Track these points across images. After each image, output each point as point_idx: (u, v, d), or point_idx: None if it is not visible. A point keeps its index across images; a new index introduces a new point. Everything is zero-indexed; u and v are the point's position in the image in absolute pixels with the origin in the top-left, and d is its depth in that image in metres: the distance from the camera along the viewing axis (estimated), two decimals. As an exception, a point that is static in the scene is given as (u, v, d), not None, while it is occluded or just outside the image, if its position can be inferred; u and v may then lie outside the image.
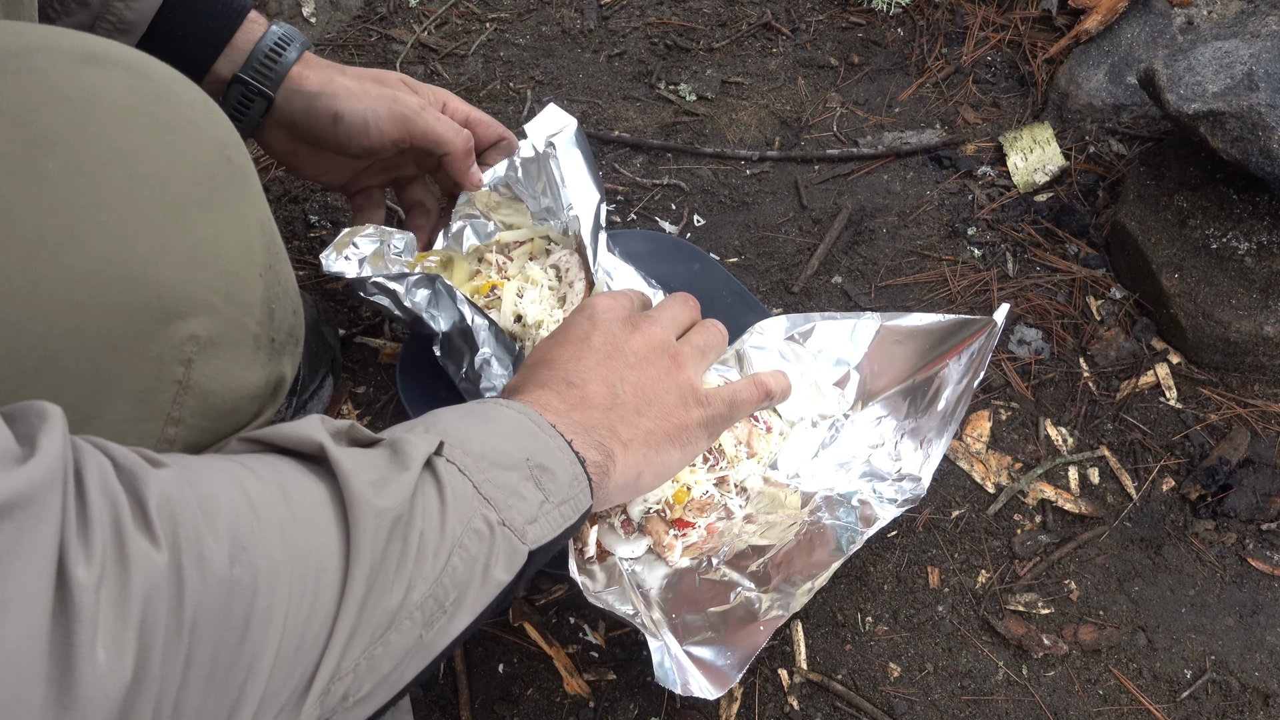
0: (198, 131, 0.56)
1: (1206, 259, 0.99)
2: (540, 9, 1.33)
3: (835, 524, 0.81)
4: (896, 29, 1.30)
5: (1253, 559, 0.89)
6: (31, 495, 0.37)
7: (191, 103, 0.57)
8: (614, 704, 0.81)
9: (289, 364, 0.63)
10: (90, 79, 0.52)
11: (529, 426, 0.62)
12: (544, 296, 0.91)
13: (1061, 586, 0.87)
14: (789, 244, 1.10)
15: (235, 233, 0.56)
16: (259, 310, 0.58)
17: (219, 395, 0.56)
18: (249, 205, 0.58)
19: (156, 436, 0.54)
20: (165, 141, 0.54)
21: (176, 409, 0.54)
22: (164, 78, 0.56)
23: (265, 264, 0.58)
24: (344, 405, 0.97)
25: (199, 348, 0.54)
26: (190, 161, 0.55)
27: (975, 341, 0.86)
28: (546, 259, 0.95)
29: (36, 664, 0.36)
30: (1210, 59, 0.98)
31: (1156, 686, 0.83)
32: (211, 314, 0.54)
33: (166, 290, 0.52)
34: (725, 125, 1.21)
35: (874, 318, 0.90)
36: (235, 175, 0.57)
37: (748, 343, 0.90)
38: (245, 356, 0.57)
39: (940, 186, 1.14)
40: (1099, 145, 1.15)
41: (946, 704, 0.82)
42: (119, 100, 0.53)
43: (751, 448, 0.86)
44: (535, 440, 0.62)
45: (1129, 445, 0.95)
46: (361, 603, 0.49)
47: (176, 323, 0.52)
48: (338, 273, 0.84)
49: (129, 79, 0.54)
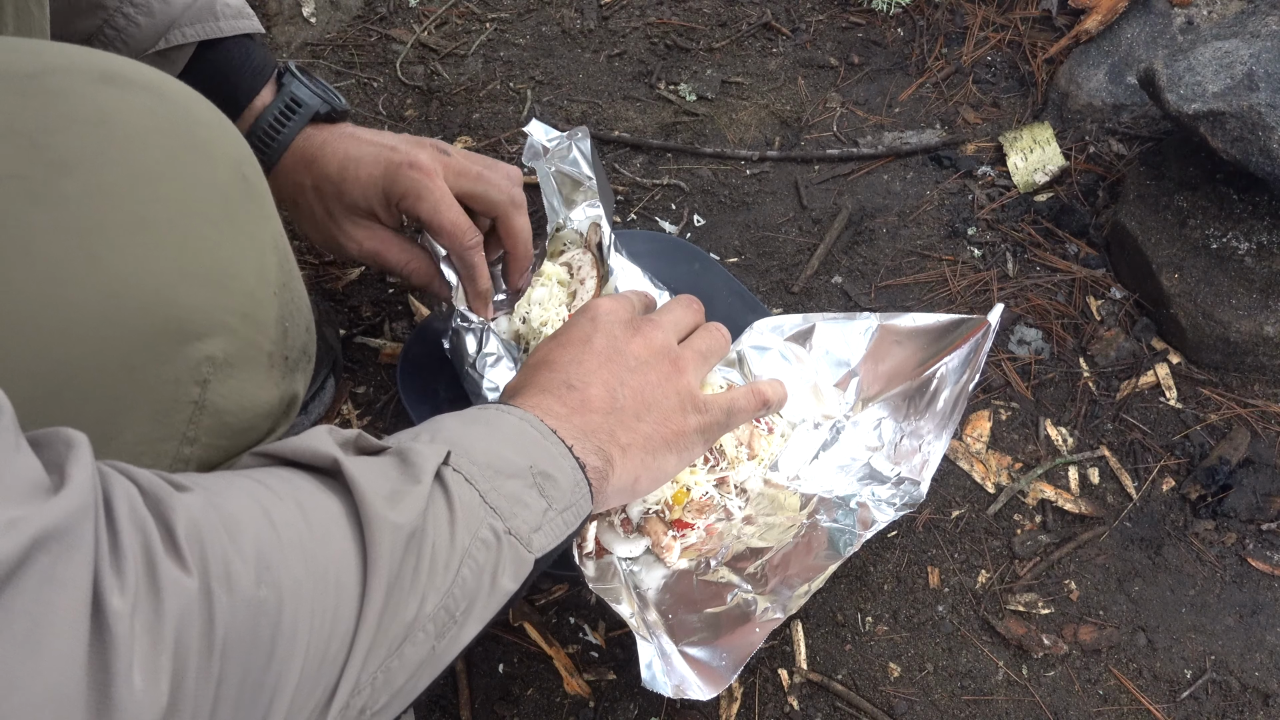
0: (214, 151, 0.56)
1: (1206, 259, 0.99)
2: (540, 9, 1.33)
3: (833, 526, 0.81)
4: (896, 29, 1.30)
5: (1253, 559, 0.89)
6: (66, 527, 0.37)
7: (208, 122, 0.57)
8: (614, 704, 0.81)
9: (301, 381, 0.64)
10: (108, 100, 0.52)
11: (531, 433, 0.63)
12: (553, 295, 0.91)
13: (1061, 586, 0.87)
14: (789, 244, 1.10)
15: (250, 252, 0.56)
16: (273, 329, 0.58)
17: (234, 414, 0.56)
18: (264, 224, 0.58)
19: (172, 456, 0.54)
20: (183, 162, 0.54)
21: (192, 429, 0.54)
22: (181, 97, 0.56)
23: (279, 282, 0.59)
24: (344, 405, 0.97)
25: (215, 368, 0.54)
26: (207, 181, 0.55)
27: (969, 341, 0.86)
28: (560, 257, 0.95)
29: (76, 693, 0.36)
30: (1210, 59, 0.98)
31: (1156, 686, 0.83)
32: (227, 334, 0.54)
33: (184, 311, 0.52)
34: (725, 125, 1.21)
35: (873, 317, 0.89)
36: (250, 194, 0.58)
37: (747, 342, 0.90)
38: (260, 375, 0.58)
39: (940, 186, 1.14)
40: (1099, 145, 1.15)
41: (946, 704, 0.82)
42: (136, 121, 0.53)
43: (752, 449, 0.86)
44: (538, 447, 0.62)
45: (1129, 445, 0.95)
46: (379, 617, 0.49)
47: (193, 344, 0.52)
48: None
49: (146, 99, 0.54)
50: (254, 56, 0.84)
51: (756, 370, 0.90)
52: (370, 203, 0.84)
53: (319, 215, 0.86)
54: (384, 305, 1.04)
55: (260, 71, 0.84)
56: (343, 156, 0.84)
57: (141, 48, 0.78)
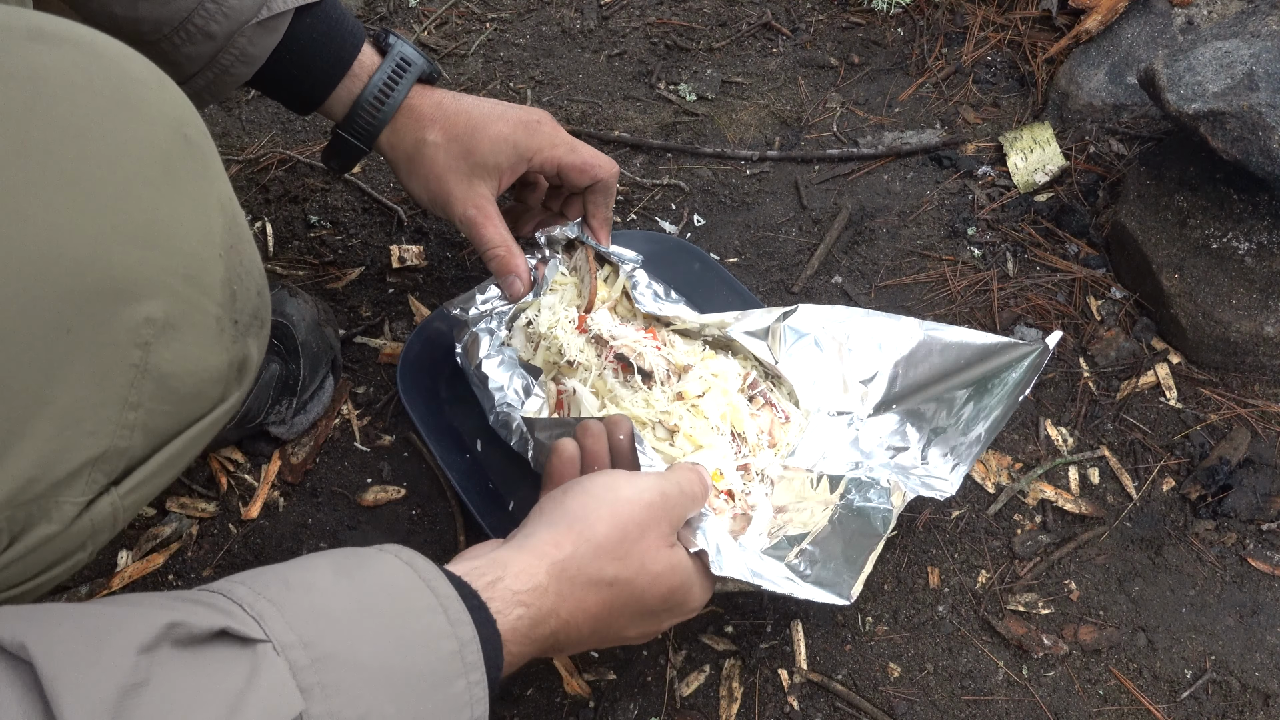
0: (150, 110, 0.54)
1: (1206, 259, 0.99)
2: (540, 9, 1.33)
3: (867, 505, 0.81)
4: (896, 29, 1.30)
5: (1253, 559, 0.89)
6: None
7: (144, 80, 0.55)
8: (614, 704, 0.81)
9: (254, 346, 0.62)
10: (38, 56, 0.51)
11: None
12: (559, 301, 0.91)
13: (1061, 586, 0.87)
14: (789, 244, 1.10)
15: (192, 213, 0.55)
16: (219, 291, 0.56)
17: (179, 379, 0.55)
18: (207, 184, 0.57)
19: (115, 422, 0.53)
20: (115, 120, 0.52)
21: (134, 393, 0.53)
22: (115, 54, 0.55)
23: (226, 244, 0.57)
24: (344, 405, 0.97)
25: (156, 330, 0.52)
26: (142, 140, 0.53)
27: (1025, 362, 0.85)
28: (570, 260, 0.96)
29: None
30: (1210, 59, 0.98)
31: (1156, 686, 0.83)
32: (169, 295, 0.52)
33: (119, 271, 0.50)
34: (725, 125, 1.21)
35: (917, 324, 0.89)
36: (192, 154, 0.56)
37: (785, 323, 0.90)
38: (207, 339, 0.56)
39: (940, 186, 1.14)
40: (1099, 145, 1.15)
41: (946, 704, 0.82)
42: (67, 78, 0.51)
43: (773, 438, 0.86)
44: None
45: (1129, 445, 0.95)
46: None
47: (131, 305, 0.51)
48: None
49: (78, 55, 0.52)
50: (347, 18, 0.87)
51: (786, 351, 0.90)
52: (499, 158, 0.88)
53: (438, 169, 0.88)
54: (384, 305, 1.04)
55: (355, 32, 0.87)
56: (475, 115, 0.88)
57: (242, 19, 0.79)
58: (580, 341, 0.87)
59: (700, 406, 0.84)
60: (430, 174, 0.89)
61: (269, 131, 1.20)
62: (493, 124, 0.88)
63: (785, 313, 0.90)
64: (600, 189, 0.92)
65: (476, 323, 0.89)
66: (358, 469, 0.93)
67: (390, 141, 0.89)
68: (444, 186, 0.89)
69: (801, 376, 0.90)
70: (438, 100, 0.89)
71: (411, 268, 1.07)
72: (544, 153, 0.89)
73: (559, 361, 0.87)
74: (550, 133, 0.90)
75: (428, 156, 0.88)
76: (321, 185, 1.15)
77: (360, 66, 0.87)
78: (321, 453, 0.94)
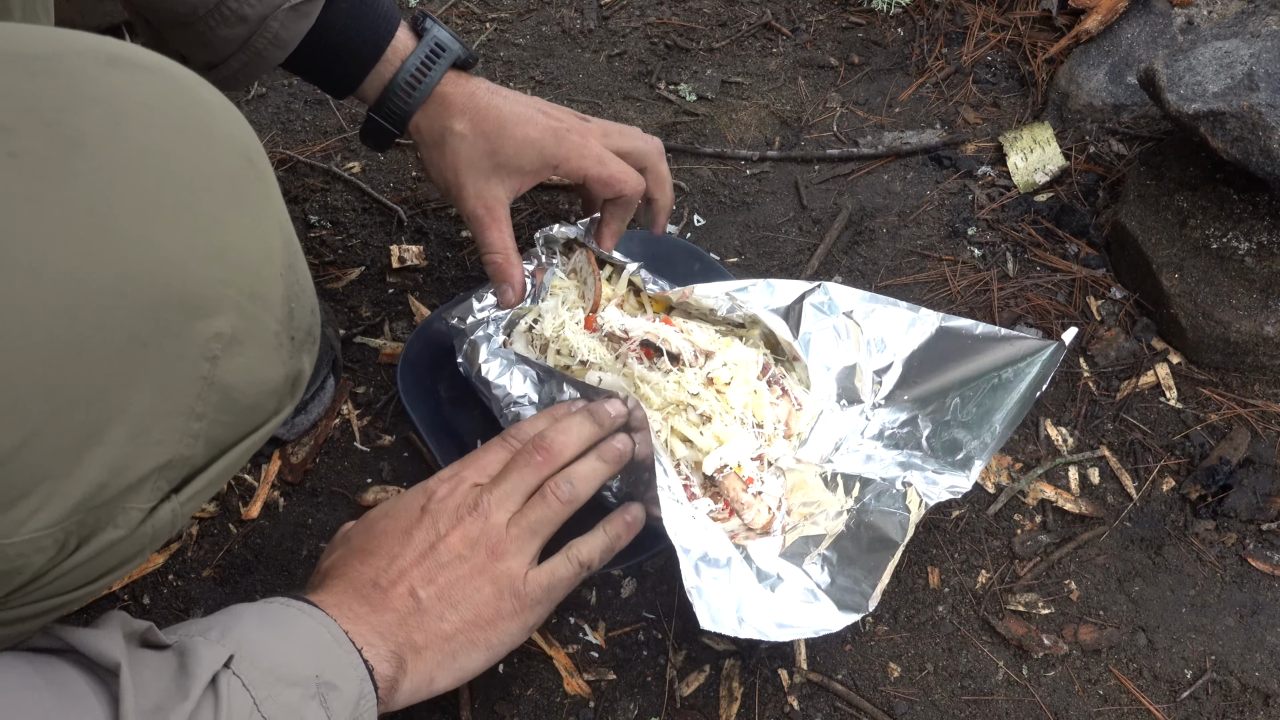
0: (220, 133, 0.57)
1: (1206, 259, 0.99)
2: (540, 9, 1.33)
3: (884, 511, 0.80)
4: (896, 29, 1.30)
5: (1253, 559, 0.89)
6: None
7: (213, 105, 0.58)
8: (614, 704, 0.81)
9: (307, 361, 0.64)
10: (117, 80, 0.53)
11: (325, 637, 0.64)
12: (560, 304, 0.91)
13: (1061, 586, 0.87)
14: (789, 244, 1.10)
15: (257, 232, 0.57)
16: (280, 308, 0.58)
17: (241, 391, 0.57)
18: (269, 206, 0.59)
19: (181, 431, 0.54)
20: (190, 143, 0.54)
21: (200, 404, 0.54)
22: (186, 81, 0.57)
23: (285, 263, 0.59)
24: (344, 405, 0.97)
25: (224, 345, 0.54)
26: (214, 162, 0.55)
27: (1038, 362, 0.86)
28: (568, 263, 0.96)
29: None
30: (1210, 59, 0.98)
31: (1156, 686, 0.83)
32: (236, 312, 0.54)
33: (193, 288, 0.52)
34: (725, 125, 1.21)
35: (933, 316, 0.90)
36: (256, 177, 0.58)
37: (809, 300, 0.90)
38: (267, 353, 0.58)
39: (940, 186, 1.14)
40: (1099, 145, 1.15)
41: (946, 704, 0.82)
42: (145, 102, 0.53)
43: (789, 427, 0.86)
44: (329, 654, 0.63)
45: (1129, 445, 0.95)
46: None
47: (203, 320, 0.53)
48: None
49: (153, 81, 0.55)
50: (382, 3, 0.87)
51: (805, 333, 0.90)
52: (522, 161, 0.89)
53: (459, 161, 0.89)
54: (384, 305, 1.04)
55: (389, 17, 0.87)
56: (504, 113, 0.88)
57: (275, 3, 0.80)
58: (592, 341, 0.87)
59: (725, 395, 0.84)
60: (451, 164, 0.89)
61: (269, 132, 1.20)
62: (521, 125, 0.88)
63: (808, 290, 0.90)
64: (622, 204, 0.92)
65: (474, 330, 0.89)
66: (358, 469, 0.93)
67: (419, 125, 0.90)
68: (460, 179, 0.89)
69: (817, 362, 0.90)
70: (471, 90, 0.89)
71: (412, 268, 1.07)
72: (571, 162, 0.90)
73: (570, 364, 0.87)
74: (579, 142, 0.90)
75: (451, 146, 0.89)
76: (321, 185, 1.15)
77: (394, 51, 0.87)
78: (321, 453, 0.94)
